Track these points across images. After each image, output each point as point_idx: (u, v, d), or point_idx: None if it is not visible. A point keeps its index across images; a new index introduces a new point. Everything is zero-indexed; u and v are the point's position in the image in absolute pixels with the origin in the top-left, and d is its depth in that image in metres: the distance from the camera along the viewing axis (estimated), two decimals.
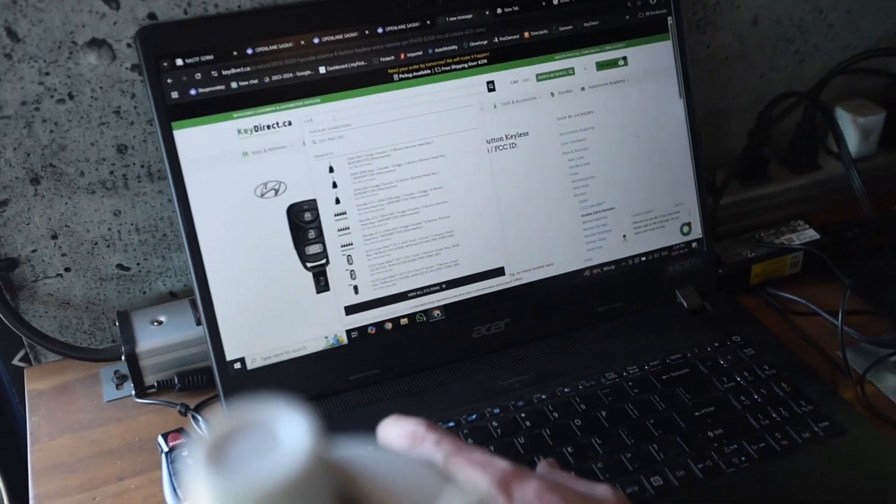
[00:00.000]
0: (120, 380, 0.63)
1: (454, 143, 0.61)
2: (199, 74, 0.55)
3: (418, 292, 0.62)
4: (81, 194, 0.60)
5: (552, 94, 0.63)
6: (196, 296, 0.56)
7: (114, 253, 0.63)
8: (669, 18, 0.65)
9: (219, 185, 0.56)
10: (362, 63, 0.58)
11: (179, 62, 0.54)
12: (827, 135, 0.78)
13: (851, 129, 0.77)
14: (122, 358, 0.60)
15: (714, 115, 0.78)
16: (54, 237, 0.61)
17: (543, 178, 0.64)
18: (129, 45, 0.55)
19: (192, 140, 0.55)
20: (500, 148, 0.62)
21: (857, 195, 0.72)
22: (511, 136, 0.62)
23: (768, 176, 0.77)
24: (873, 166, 0.78)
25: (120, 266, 0.64)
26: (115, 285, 0.65)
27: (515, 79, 0.62)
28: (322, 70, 0.58)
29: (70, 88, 0.56)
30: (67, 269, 0.63)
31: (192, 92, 0.55)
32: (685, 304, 0.67)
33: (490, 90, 0.62)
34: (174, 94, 0.55)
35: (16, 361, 0.64)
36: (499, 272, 0.64)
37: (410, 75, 0.60)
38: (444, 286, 0.62)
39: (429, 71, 0.60)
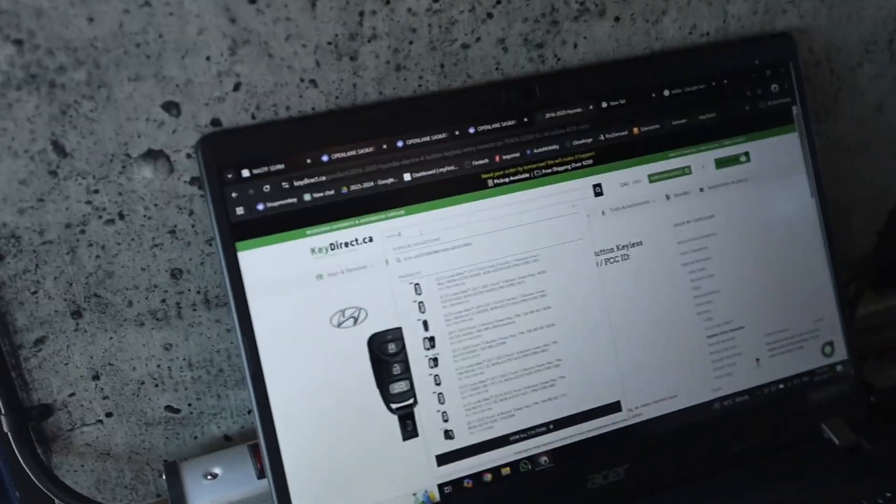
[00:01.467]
0: None
1: (558, 257, 0.53)
2: (267, 186, 0.48)
3: (522, 435, 0.53)
4: (129, 327, 0.52)
5: (667, 198, 0.55)
6: (260, 442, 0.48)
7: (162, 393, 0.55)
8: (794, 108, 0.57)
9: (289, 312, 0.49)
10: (452, 168, 0.51)
11: (246, 173, 0.47)
12: None
13: None
14: None
15: (834, 215, 0.69)
16: (96, 377, 0.53)
17: (661, 293, 0.55)
18: (188, 156, 0.49)
19: (259, 262, 0.48)
20: (611, 261, 0.54)
21: None
22: (623, 247, 0.54)
23: None
24: None
25: (169, 408, 0.56)
26: (162, 430, 0.56)
27: (625, 180, 0.54)
28: (407, 177, 0.50)
29: (121, 207, 0.49)
30: (109, 415, 0.54)
31: (260, 207, 0.48)
32: (835, 440, 0.57)
33: (597, 194, 0.54)
34: (239, 210, 0.47)
35: None
36: (614, 407, 0.54)
37: (507, 180, 0.52)
38: (551, 426, 0.53)
39: (527, 175, 0.53)
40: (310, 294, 0.49)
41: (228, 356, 0.56)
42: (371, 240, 0.50)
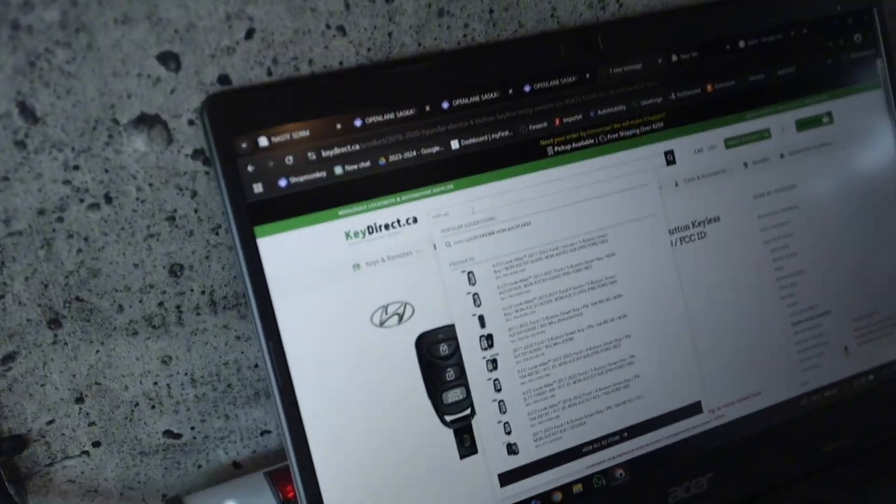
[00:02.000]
0: None
1: (629, 237, 0.46)
2: (290, 158, 0.39)
3: (594, 445, 0.45)
4: (119, 337, 0.43)
5: (745, 166, 0.48)
6: (292, 468, 0.41)
7: (160, 415, 0.46)
8: (878, 61, 0.51)
9: (322, 311, 0.41)
10: (507, 133, 0.43)
11: (264, 142, 0.39)
12: None
13: None
14: None
15: None
16: (79, 400, 0.44)
17: (742, 276, 0.48)
18: (191, 123, 0.40)
19: (284, 250, 0.40)
20: (687, 239, 0.47)
21: None
22: (699, 224, 0.47)
23: None
24: None
25: (168, 433, 0.47)
26: (160, 460, 0.47)
27: (700, 146, 0.47)
28: (454, 145, 0.42)
29: (107, 188, 0.40)
30: (96, 444, 0.46)
31: (282, 183, 0.39)
32: None
33: (669, 162, 0.46)
34: (257, 188, 0.39)
35: None
36: (695, 409, 0.47)
37: (569, 147, 0.44)
38: (625, 434, 0.46)
39: (592, 141, 0.45)
40: (346, 288, 0.41)
41: (238, 368, 0.47)
42: (415, 220, 0.42)
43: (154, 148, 0.40)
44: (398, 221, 0.41)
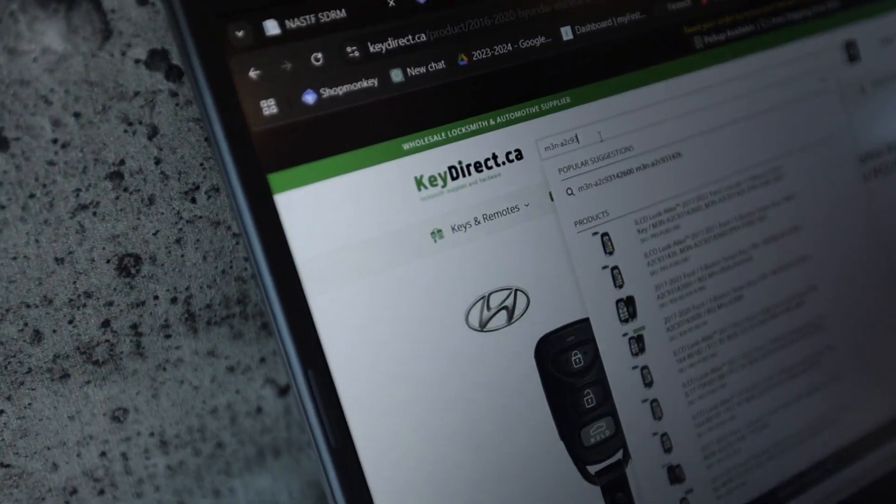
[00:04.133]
0: None
1: (809, 170, 0.31)
2: (319, 55, 0.23)
3: (791, 488, 0.30)
4: (37, 385, 0.26)
5: None
6: None
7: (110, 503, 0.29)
8: None
9: (384, 310, 0.25)
10: (638, 17, 0.29)
11: (272, 28, 0.23)
12: None
13: None
14: None
15: None
16: None
17: None
18: (142, 1, 0.23)
19: (317, 214, 0.24)
20: (882, 171, 0.32)
21: None
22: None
23: None
24: None
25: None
26: None
27: (887, 34, 0.33)
28: (567, 35, 0.27)
29: (2, 122, 0.23)
30: None
31: (308, 98, 0.24)
32: None
33: (851, 58, 0.32)
34: (268, 107, 0.23)
35: None
36: None
37: (723, 37, 0.30)
38: (829, 466, 0.31)
39: (752, 27, 0.30)
40: (423, 270, 0.25)
41: (233, 418, 0.30)
42: (520, 155, 0.26)
43: (79, 46, 0.23)
44: (494, 158, 0.26)
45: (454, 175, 0.25)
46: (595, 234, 0.27)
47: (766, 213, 0.30)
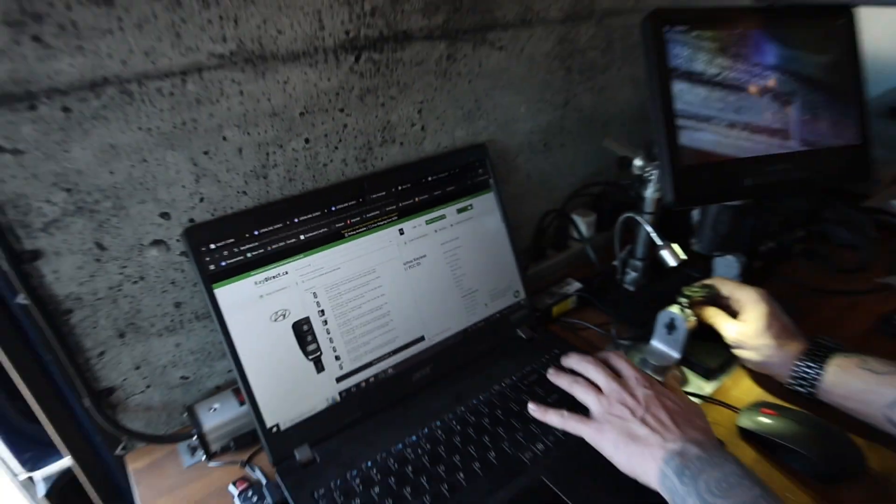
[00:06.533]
0: (192, 451, 0.58)
1: (385, 268, 0.61)
2: (226, 252, 0.52)
3: (377, 360, 0.60)
4: (153, 338, 0.56)
5: (436, 231, 0.63)
6: (240, 387, 0.52)
7: (177, 370, 0.58)
8: (490, 179, 0.68)
9: (247, 318, 0.52)
10: (325, 230, 0.57)
11: (213, 246, 0.52)
12: (570, 228, 0.81)
13: (582, 225, 0.80)
14: (194, 437, 0.55)
15: (514, 230, 0.82)
16: (137, 368, 0.56)
17: (438, 279, 0.63)
18: (177, 241, 0.53)
19: (227, 293, 0.52)
20: (412, 266, 0.62)
21: (592, 259, 0.77)
22: (417, 259, 0.62)
23: (546, 255, 0.79)
24: (594, 243, 0.80)
25: (182, 377, 0.59)
26: (180, 391, 0.59)
27: (415, 225, 0.62)
28: (302, 237, 0.56)
29: (142, 272, 0.52)
30: (148, 387, 0.57)
31: (223, 263, 0.52)
32: (523, 336, 0.67)
33: (401, 234, 0.62)
34: (212, 267, 0.52)
35: (117, 452, 0.58)
36: (421, 339, 0.63)
37: (354, 232, 0.59)
38: (390, 353, 0.61)
39: (364, 228, 0.59)
40: (257, 307, 0.53)
41: (213, 345, 0.59)
42: (287, 273, 0.55)
43: (161, 253, 0.53)
44: (278, 274, 0.54)
45: (266, 279, 0.54)
46: (311, 292, 0.57)
47: (369, 282, 0.61)
